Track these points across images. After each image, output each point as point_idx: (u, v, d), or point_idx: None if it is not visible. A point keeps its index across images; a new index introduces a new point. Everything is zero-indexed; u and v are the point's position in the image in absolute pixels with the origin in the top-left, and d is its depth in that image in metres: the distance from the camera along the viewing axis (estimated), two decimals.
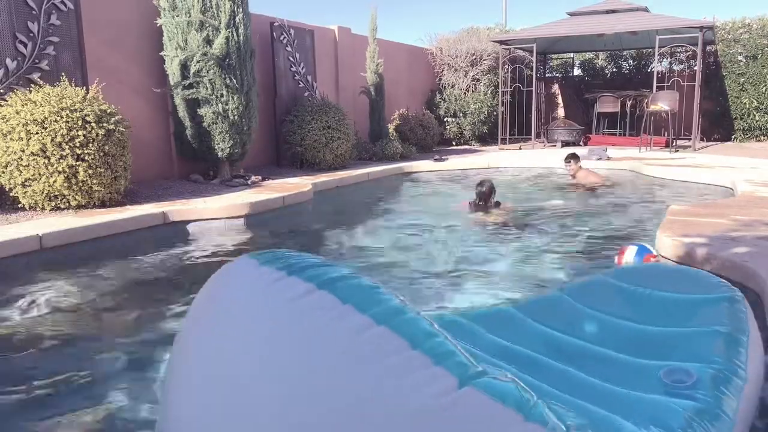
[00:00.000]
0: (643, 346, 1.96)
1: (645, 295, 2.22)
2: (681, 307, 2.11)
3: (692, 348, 1.85)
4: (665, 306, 2.15)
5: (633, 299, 2.23)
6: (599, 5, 13.28)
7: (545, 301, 2.35)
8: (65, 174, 5.15)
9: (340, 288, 1.26)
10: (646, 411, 1.58)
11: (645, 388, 1.70)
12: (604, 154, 9.97)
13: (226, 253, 4.75)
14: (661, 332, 2.01)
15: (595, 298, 2.27)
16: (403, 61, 12.85)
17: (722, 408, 1.57)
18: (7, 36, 5.50)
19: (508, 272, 4.05)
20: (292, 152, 8.80)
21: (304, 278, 1.28)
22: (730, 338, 1.86)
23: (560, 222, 5.74)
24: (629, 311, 2.16)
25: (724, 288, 2.18)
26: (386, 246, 4.95)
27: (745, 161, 9.19)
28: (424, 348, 1.16)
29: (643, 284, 2.27)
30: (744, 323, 1.95)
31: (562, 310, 2.24)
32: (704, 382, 1.65)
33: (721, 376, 1.68)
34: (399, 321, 1.21)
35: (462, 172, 9.74)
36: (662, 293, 2.20)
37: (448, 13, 60.73)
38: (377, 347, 1.16)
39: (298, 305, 1.24)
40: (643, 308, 2.16)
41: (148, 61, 7.18)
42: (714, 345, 1.84)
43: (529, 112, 13.42)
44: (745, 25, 13.06)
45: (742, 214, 4.82)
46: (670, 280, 2.28)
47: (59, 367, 2.65)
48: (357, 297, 1.25)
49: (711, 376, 1.68)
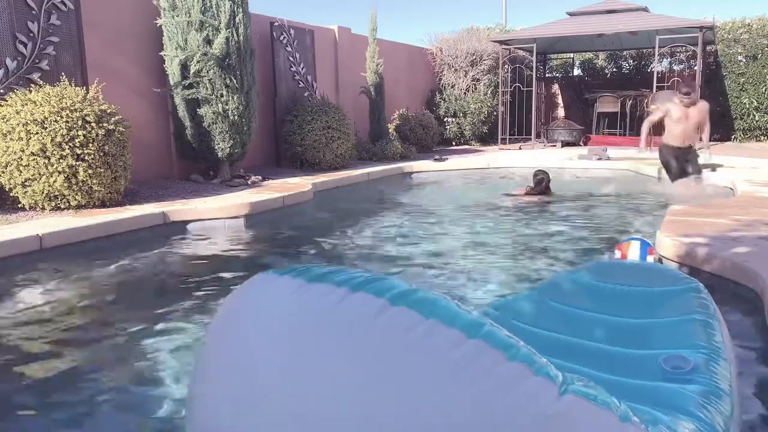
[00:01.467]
0: (631, 337, 2.03)
1: (617, 290, 2.31)
2: (654, 299, 2.21)
3: (677, 336, 1.94)
4: (640, 299, 2.24)
5: (607, 295, 2.31)
6: (599, 5, 13.27)
7: (522, 301, 2.37)
8: (65, 174, 5.15)
9: (414, 302, 1.16)
10: (662, 398, 1.63)
11: (646, 377, 1.76)
12: (604, 154, 9.96)
13: (226, 253, 4.75)
14: (644, 324, 2.10)
15: (569, 296, 2.33)
16: (403, 61, 12.85)
17: (721, 388, 1.65)
18: (7, 36, 5.50)
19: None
20: (292, 152, 8.80)
21: (374, 293, 1.17)
22: (707, 324, 1.97)
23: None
24: (606, 306, 2.24)
25: (687, 280, 2.31)
26: (387, 244, 4.95)
27: (745, 161, 9.20)
28: (520, 358, 1.11)
29: (613, 280, 2.36)
30: (712, 310, 2.07)
31: (540, 309, 2.28)
32: (699, 366, 1.73)
33: (710, 360, 1.77)
34: (486, 332, 1.14)
35: (462, 171, 9.74)
36: (633, 288, 2.30)
37: (448, 13, 60.76)
38: (477, 362, 1.09)
39: (378, 324, 1.12)
40: (619, 302, 2.25)
41: (148, 61, 7.18)
42: (695, 332, 1.94)
43: (529, 112, 13.42)
44: (745, 25, 13.06)
45: (742, 214, 4.82)
46: (637, 275, 2.39)
47: (57, 367, 2.65)
48: (437, 310, 1.15)
49: (703, 360, 1.77)
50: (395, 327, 1.11)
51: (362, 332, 1.12)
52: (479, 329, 1.13)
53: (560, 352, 1.98)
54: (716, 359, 1.78)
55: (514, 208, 6.63)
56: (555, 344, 2.05)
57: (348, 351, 1.11)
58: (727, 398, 1.63)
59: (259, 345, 1.21)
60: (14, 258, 4.12)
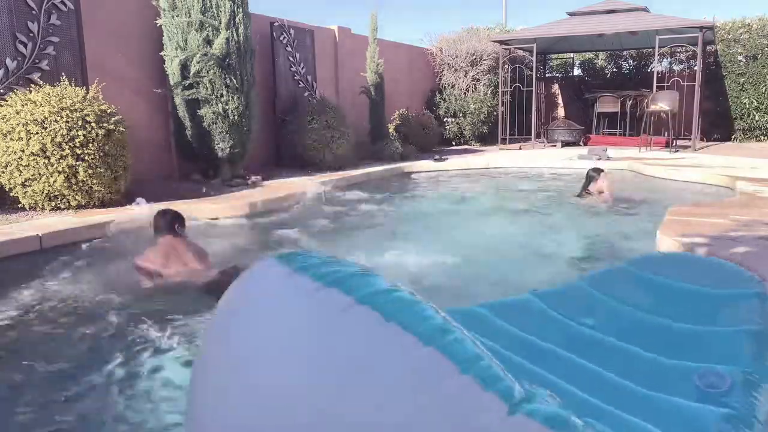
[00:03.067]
0: (671, 343, 1.85)
1: (669, 286, 2.08)
2: (709, 301, 1.98)
3: (722, 348, 1.75)
4: (692, 300, 2.02)
5: (657, 290, 2.09)
6: (599, 5, 13.27)
7: (565, 291, 2.23)
8: (65, 174, 5.16)
9: (382, 303, 1.17)
10: (679, 418, 1.51)
11: (675, 391, 1.62)
12: (604, 154, 9.97)
13: (226, 253, 4.75)
14: (689, 329, 1.90)
15: (617, 288, 2.13)
16: (403, 61, 12.85)
17: (755, 414, 1.50)
18: (7, 36, 5.50)
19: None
20: (292, 152, 8.80)
21: (345, 290, 1.19)
22: (761, 338, 1.76)
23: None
24: (653, 303, 2.03)
25: (753, 282, 2.05)
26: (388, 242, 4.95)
27: (745, 161, 9.19)
28: (474, 372, 1.09)
29: (667, 274, 2.13)
30: None
31: (582, 301, 2.12)
32: (737, 386, 1.57)
33: (753, 381, 1.60)
34: (446, 341, 1.13)
35: (460, 171, 9.74)
36: (688, 285, 2.07)
37: (448, 13, 60.75)
38: (426, 372, 1.08)
39: (339, 322, 1.15)
40: (668, 301, 2.03)
41: (148, 61, 7.18)
42: (745, 346, 1.74)
43: (529, 112, 13.41)
44: (745, 25, 13.06)
45: (742, 214, 4.82)
46: (696, 271, 2.14)
47: (55, 367, 2.65)
48: (401, 313, 1.16)
49: (743, 380, 1.60)
50: (353, 327, 1.14)
51: (323, 329, 1.15)
52: (439, 337, 1.11)
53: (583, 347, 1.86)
54: (760, 381, 1.60)
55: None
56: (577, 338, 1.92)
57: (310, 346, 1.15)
58: (757, 427, 1.48)
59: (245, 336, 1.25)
60: (14, 258, 4.12)
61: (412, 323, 1.13)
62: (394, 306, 1.17)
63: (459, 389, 1.07)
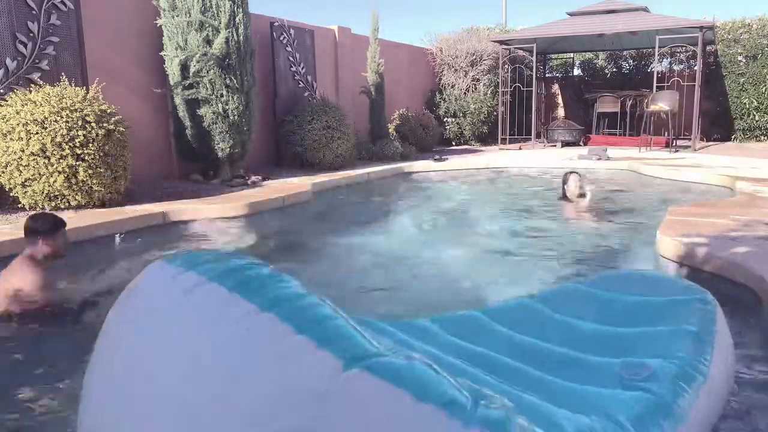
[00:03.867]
0: (609, 345, 1.97)
1: (616, 299, 2.22)
2: (651, 309, 2.12)
3: (657, 345, 1.87)
4: (635, 309, 2.15)
5: (604, 304, 2.23)
6: (599, 5, 13.27)
7: (514, 307, 2.35)
8: (65, 174, 5.15)
9: (230, 279, 1.30)
10: (595, 403, 1.59)
11: (603, 384, 1.70)
12: (604, 154, 9.96)
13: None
14: (629, 332, 2.02)
15: (565, 304, 2.26)
16: (403, 61, 12.85)
17: (677, 401, 1.58)
18: (7, 36, 5.50)
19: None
20: (292, 152, 8.80)
21: (198, 272, 1.33)
22: (696, 337, 1.88)
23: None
24: (599, 315, 2.16)
25: (695, 290, 2.21)
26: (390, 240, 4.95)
27: (745, 161, 9.19)
28: (309, 333, 1.16)
29: (616, 289, 2.28)
30: (712, 324, 1.97)
31: (529, 316, 2.24)
32: (662, 376, 1.67)
33: (680, 371, 1.69)
34: (286, 307, 1.22)
35: (460, 171, 9.74)
36: (633, 297, 2.20)
37: (448, 13, 60.75)
38: (260, 334, 1.17)
39: (190, 298, 1.28)
40: (613, 312, 2.17)
41: (148, 61, 7.18)
42: (679, 342, 1.85)
43: (529, 112, 13.41)
44: (745, 25, 13.06)
45: (742, 214, 4.82)
46: (643, 285, 2.29)
47: (54, 367, 2.65)
48: (245, 286, 1.28)
49: (670, 370, 1.69)
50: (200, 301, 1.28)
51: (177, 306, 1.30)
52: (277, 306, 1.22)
53: (524, 355, 1.95)
54: (688, 372, 1.69)
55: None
56: (519, 347, 2.01)
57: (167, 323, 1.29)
58: (678, 413, 1.55)
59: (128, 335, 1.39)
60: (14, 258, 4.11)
61: (254, 293, 1.26)
62: (242, 280, 1.31)
63: (291, 348, 1.14)
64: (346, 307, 1.37)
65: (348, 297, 3.62)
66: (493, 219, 6.03)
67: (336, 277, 4.07)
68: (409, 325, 2.15)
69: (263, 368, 1.14)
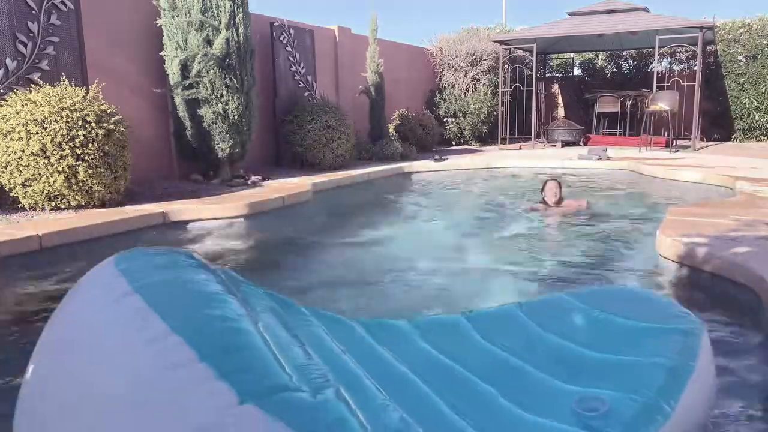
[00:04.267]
0: (576, 370, 1.87)
1: (599, 319, 2.12)
2: (631, 334, 2.00)
3: (623, 377, 1.76)
4: (615, 332, 2.04)
5: (586, 322, 2.13)
6: (599, 5, 13.27)
7: (498, 315, 2.28)
8: (65, 174, 5.15)
9: (154, 292, 1.25)
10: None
11: (557, 414, 1.62)
12: (604, 154, 9.96)
13: (225, 253, 4.75)
14: (599, 358, 1.91)
15: (548, 317, 2.18)
16: (403, 61, 12.85)
17: None
18: (7, 36, 5.50)
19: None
20: (292, 152, 8.80)
21: (130, 279, 1.30)
22: (668, 372, 1.75)
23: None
24: (580, 334, 2.06)
25: (683, 319, 2.06)
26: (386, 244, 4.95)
27: (745, 161, 9.19)
28: (212, 361, 1.12)
29: (602, 308, 2.17)
30: (692, 359, 1.82)
31: (511, 326, 2.17)
32: (619, 413, 1.55)
33: (639, 409, 1.58)
34: (200, 330, 1.18)
35: (460, 171, 9.74)
36: (618, 318, 2.09)
37: (448, 13, 60.75)
38: (165, 358, 1.13)
39: (114, 309, 1.25)
40: (595, 332, 2.07)
41: (148, 61, 7.18)
42: (647, 376, 1.74)
43: (529, 112, 13.42)
44: (745, 25, 13.06)
45: (742, 214, 4.82)
46: (632, 306, 2.17)
47: None
48: (168, 302, 1.23)
49: (629, 407, 1.58)
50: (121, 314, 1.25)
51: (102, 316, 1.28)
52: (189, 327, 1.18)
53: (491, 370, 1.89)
54: (648, 411, 1.58)
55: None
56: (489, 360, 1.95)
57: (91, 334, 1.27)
58: None
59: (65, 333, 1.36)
60: (14, 258, 4.11)
61: (171, 312, 1.21)
62: (166, 294, 1.28)
63: (191, 375, 1.10)
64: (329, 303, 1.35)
65: (344, 295, 3.62)
66: (493, 219, 6.03)
67: (335, 277, 4.07)
68: (381, 325, 2.10)
69: (160, 397, 1.09)
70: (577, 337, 2.03)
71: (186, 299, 1.28)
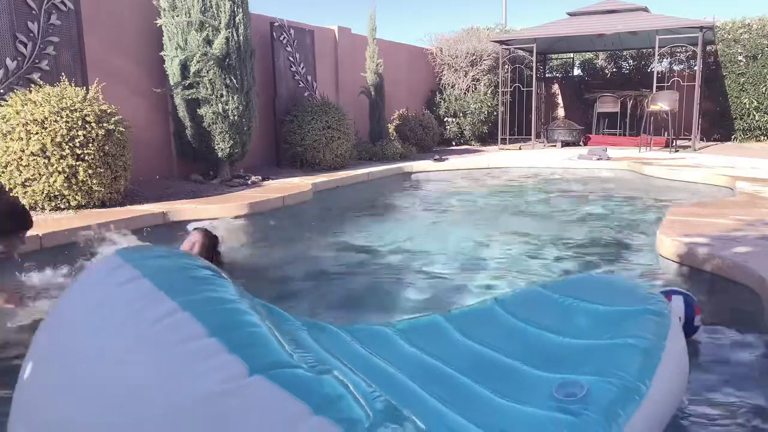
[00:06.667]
0: (553, 357, 1.91)
1: (574, 306, 2.16)
2: (604, 319, 2.05)
3: (599, 360, 1.79)
4: (590, 318, 2.09)
5: (562, 311, 2.17)
6: (599, 5, 13.27)
7: (476, 311, 2.31)
8: (65, 174, 5.15)
9: (162, 277, 1.35)
10: (519, 426, 1.54)
11: (536, 401, 1.65)
12: (604, 154, 9.97)
13: (225, 253, 4.74)
14: (577, 344, 1.95)
15: (524, 309, 2.22)
16: (403, 61, 12.85)
17: (606, 424, 1.50)
18: (7, 36, 5.50)
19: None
20: (292, 152, 8.80)
21: (137, 265, 1.39)
22: (641, 352, 1.79)
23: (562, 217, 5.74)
24: (555, 323, 2.11)
25: (651, 300, 2.10)
26: (382, 243, 4.95)
27: (745, 161, 9.19)
28: (223, 336, 1.21)
29: (575, 296, 2.21)
30: (662, 339, 1.86)
31: (489, 321, 2.21)
32: (596, 396, 1.59)
33: (615, 390, 1.61)
34: (208, 309, 1.27)
35: (460, 172, 9.74)
36: (591, 305, 2.14)
37: (448, 14, 60.73)
38: (174, 333, 1.21)
39: (121, 291, 1.33)
40: (569, 320, 2.11)
41: (148, 61, 7.18)
42: (621, 358, 1.77)
43: (529, 112, 13.42)
44: (745, 25, 13.06)
45: (742, 214, 4.82)
46: (604, 292, 2.22)
47: None
48: (175, 285, 1.33)
49: (607, 389, 1.61)
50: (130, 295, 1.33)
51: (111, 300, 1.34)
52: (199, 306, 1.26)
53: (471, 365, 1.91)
54: (624, 392, 1.61)
55: None
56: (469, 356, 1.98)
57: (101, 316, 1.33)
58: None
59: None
60: None
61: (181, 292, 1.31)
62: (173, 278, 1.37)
63: (201, 349, 1.19)
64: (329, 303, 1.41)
65: (344, 295, 3.62)
66: (491, 218, 6.03)
67: (334, 275, 4.07)
68: (364, 330, 2.13)
69: (170, 366, 1.17)
70: (552, 326, 2.09)
71: (189, 282, 1.37)
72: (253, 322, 1.29)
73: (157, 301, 1.28)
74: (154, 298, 1.29)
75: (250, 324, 1.28)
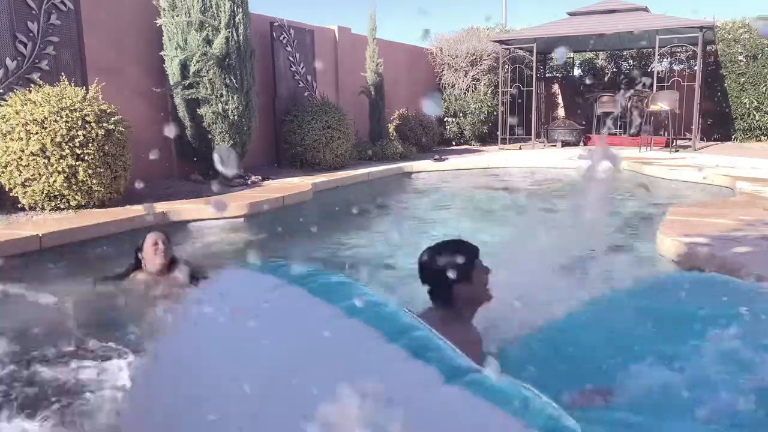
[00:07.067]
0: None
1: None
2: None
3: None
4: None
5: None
6: (599, 5, 13.27)
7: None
8: (65, 174, 5.15)
9: (309, 283, 1.36)
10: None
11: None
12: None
13: (225, 253, 4.75)
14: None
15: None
16: (403, 61, 12.85)
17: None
18: (7, 36, 5.50)
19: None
20: (292, 152, 8.79)
21: (276, 275, 1.40)
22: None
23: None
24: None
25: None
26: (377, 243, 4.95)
27: (745, 161, 9.19)
28: (402, 342, 1.18)
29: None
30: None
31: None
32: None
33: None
34: (371, 315, 1.25)
35: (460, 171, 9.74)
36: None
37: (448, 14, 60.73)
38: (351, 337, 1.20)
39: (275, 295, 1.34)
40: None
41: (148, 61, 7.18)
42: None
43: (529, 112, 13.41)
44: (745, 25, 13.05)
45: (742, 214, 4.82)
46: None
47: (51, 368, 2.64)
48: (325, 290, 1.33)
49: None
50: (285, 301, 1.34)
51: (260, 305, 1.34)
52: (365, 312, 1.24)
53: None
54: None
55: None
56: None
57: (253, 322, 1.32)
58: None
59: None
60: (14, 258, 4.11)
61: (338, 299, 1.30)
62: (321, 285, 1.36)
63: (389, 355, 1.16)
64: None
65: None
66: (491, 218, 6.03)
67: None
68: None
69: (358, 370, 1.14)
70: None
71: (337, 288, 1.36)
72: (415, 326, 1.26)
73: (316, 305, 1.28)
74: (311, 302, 1.29)
75: (413, 328, 1.25)
